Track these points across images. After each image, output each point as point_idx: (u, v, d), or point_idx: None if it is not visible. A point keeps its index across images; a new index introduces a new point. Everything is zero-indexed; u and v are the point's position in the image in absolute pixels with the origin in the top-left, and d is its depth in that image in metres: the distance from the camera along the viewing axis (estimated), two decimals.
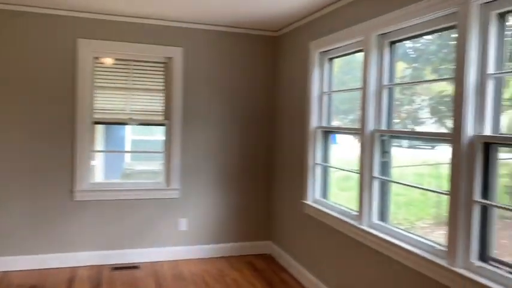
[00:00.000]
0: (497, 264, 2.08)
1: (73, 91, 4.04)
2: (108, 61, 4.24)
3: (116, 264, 4.20)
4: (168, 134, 4.38)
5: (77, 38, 4.03)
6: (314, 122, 3.77)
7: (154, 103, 4.42)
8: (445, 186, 2.40)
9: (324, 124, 3.75)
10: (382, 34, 2.90)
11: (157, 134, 9.52)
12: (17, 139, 3.92)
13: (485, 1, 2.07)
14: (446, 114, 3.01)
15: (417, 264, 2.43)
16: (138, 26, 4.19)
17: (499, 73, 2.09)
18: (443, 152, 2.92)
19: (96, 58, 4.16)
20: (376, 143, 2.95)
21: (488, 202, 2.12)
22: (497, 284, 1.97)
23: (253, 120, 4.61)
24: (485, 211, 2.15)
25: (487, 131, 2.12)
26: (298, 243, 4.05)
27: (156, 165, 9.03)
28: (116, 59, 4.24)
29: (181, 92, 4.35)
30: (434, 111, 3.18)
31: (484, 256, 2.14)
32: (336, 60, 3.72)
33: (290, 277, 4.05)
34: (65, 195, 4.07)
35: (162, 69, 4.38)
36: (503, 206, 2.11)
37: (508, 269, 2.03)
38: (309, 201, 3.80)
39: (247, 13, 3.85)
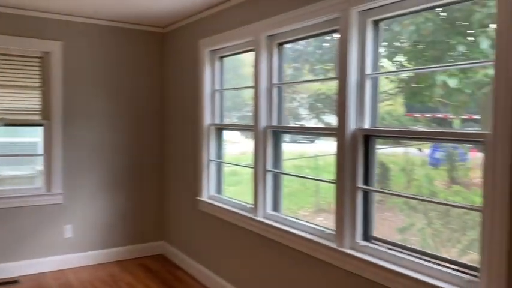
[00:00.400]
0: (378, 243, 2.36)
1: None
2: None
3: None
4: (48, 134, 4.05)
5: None
6: (207, 119, 3.82)
7: (30, 101, 4.04)
8: (326, 175, 2.65)
9: (217, 121, 3.83)
10: (270, 35, 3.06)
11: (28, 135, 8.66)
12: None
13: (363, 9, 2.33)
14: (323, 110, 3.32)
15: (310, 248, 2.64)
16: (10, 17, 3.78)
17: (375, 73, 2.38)
18: (322, 145, 3.23)
19: None
20: (269, 138, 3.11)
21: (369, 188, 2.40)
22: (380, 259, 2.24)
23: (142, 119, 4.48)
24: (366, 196, 2.42)
25: (367, 124, 2.39)
26: (193, 240, 4.06)
27: (28, 169, 8.23)
28: None
29: (62, 89, 4.04)
30: (312, 108, 3.47)
31: (367, 236, 2.42)
32: (226, 58, 3.81)
33: (186, 274, 4.05)
34: None
35: (38, 64, 4.02)
36: (381, 190, 2.41)
37: (386, 245, 2.32)
38: (204, 198, 3.84)
39: (130, 7, 3.73)
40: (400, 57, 2.57)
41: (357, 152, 2.40)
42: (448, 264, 2.02)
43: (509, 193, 1.69)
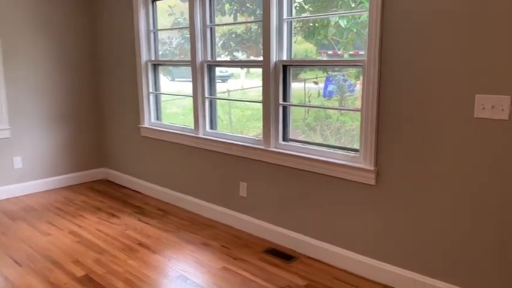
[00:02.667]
0: (292, 142, 3.33)
1: None
2: None
3: None
4: None
5: None
6: (144, 56, 4.39)
7: None
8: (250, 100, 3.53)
9: (153, 58, 4.42)
10: None
11: None
12: None
13: None
14: (236, 48, 4.11)
15: (243, 152, 3.54)
16: None
17: (289, 18, 3.22)
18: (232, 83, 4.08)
19: None
20: (205, 71, 3.85)
21: (287, 103, 3.32)
22: (294, 152, 3.21)
23: (77, 60, 4.86)
24: (285, 110, 3.35)
25: (285, 57, 3.26)
26: (135, 162, 4.75)
27: None
28: None
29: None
30: (225, 46, 4.23)
31: (286, 138, 3.37)
32: (159, 2, 4.35)
33: (131, 191, 4.77)
34: None
35: None
36: (296, 104, 3.35)
37: (298, 143, 3.30)
38: (145, 125, 4.51)
39: None
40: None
41: (278, 77, 3.27)
42: (339, 150, 3.06)
43: (377, 97, 2.70)
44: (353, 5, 3.01)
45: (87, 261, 3.11)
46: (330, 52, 3.26)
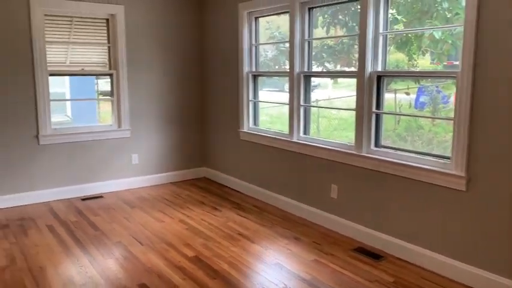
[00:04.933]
0: (384, 148, 3.53)
1: (30, 46, 4.43)
2: (58, 18, 4.65)
3: (83, 196, 4.89)
4: (116, 82, 5.04)
5: None
6: (246, 68, 4.86)
7: (101, 55, 5.00)
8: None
9: (253, 69, 4.87)
10: (302, 2, 4.07)
11: (59, 86, 9.55)
12: None
13: None
14: (327, 59, 4.36)
15: (336, 156, 3.81)
16: None
17: (386, 32, 3.44)
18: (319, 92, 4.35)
19: (46, 15, 4.55)
20: (301, 81, 4.19)
21: (380, 111, 3.53)
22: (385, 157, 3.41)
23: (187, 68, 5.49)
24: (377, 118, 3.56)
25: (380, 68, 3.49)
26: (233, 163, 5.22)
27: (62, 117, 9.20)
28: (64, 16, 4.67)
29: (125, 45, 4.99)
30: (316, 57, 4.49)
31: (377, 144, 3.58)
32: (261, 19, 4.79)
33: (228, 188, 5.25)
34: (31, 140, 4.55)
35: (105, 25, 4.94)
36: (389, 112, 3.55)
37: (389, 149, 3.49)
38: (244, 129, 4.96)
39: None
40: (392, 10, 3.57)
41: (372, 87, 3.50)
42: (429, 157, 3.20)
43: (470, 106, 2.83)
44: (449, 16, 3.14)
45: (196, 245, 3.58)
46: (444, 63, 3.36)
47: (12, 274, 3.05)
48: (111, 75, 5.04)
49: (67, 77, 7.68)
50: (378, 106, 3.54)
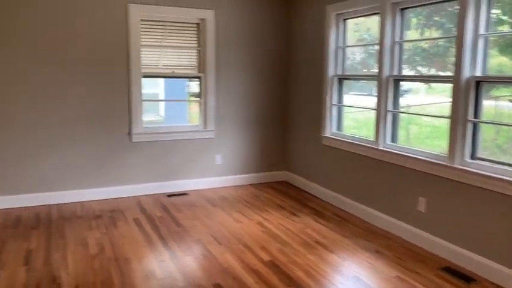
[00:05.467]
0: (480, 161, 3.21)
1: (127, 49, 4.73)
2: (152, 23, 4.92)
3: (168, 192, 5.11)
4: (204, 84, 5.20)
5: (128, 3, 4.67)
6: (331, 71, 4.74)
7: (190, 59, 5.19)
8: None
9: (339, 72, 4.73)
10: (394, 3, 3.86)
11: (154, 87, 10.13)
12: (85, 91, 4.62)
13: None
14: (421, 63, 4.07)
15: (425, 167, 3.54)
16: None
17: (487, 34, 3.13)
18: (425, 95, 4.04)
19: (143, 20, 4.84)
20: (390, 86, 3.98)
21: (478, 120, 3.22)
22: (482, 170, 3.10)
23: (272, 71, 5.51)
24: (475, 127, 3.25)
25: (479, 73, 3.18)
26: (314, 169, 5.11)
27: (155, 116, 9.75)
28: (158, 21, 4.93)
29: (214, 48, 5.13)
30: (408, 61, 4.21)
31: (473, 156, 3.27)
32: (349, 20, 4.64)
33: (307, 194, 5.15)
34: (124, 137, 4.86)
35: (195, 29, 5.13)
36: (488, 121, 3.23)
37: (486, 162, 3.16)
38: (327, 134, 4.83)
39: None
40: (497, 11, 3.23)
41: (469, 94, 3.21)
42: None
43: None
44: None
45: (272, 249, 3.54)
46: None
47: (101, 262, 3.26)
48: (199, 77, 5.21)
49: (161, 79, 8.13)
50: (476, 114, 3.23)
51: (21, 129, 4.43)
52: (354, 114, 4.99)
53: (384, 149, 4.02)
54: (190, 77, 5.30)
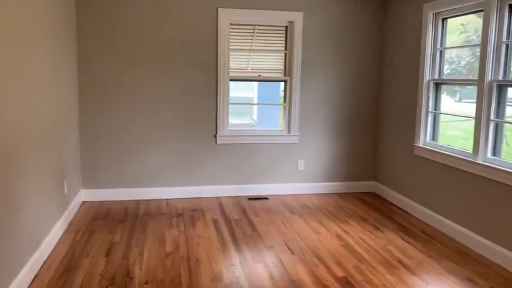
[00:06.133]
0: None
1: (215, 53, 4.83)
2: (242, 27, 4.96)
3: (249, 195, 5.11)
4: (289, 88, 5.11)
5: (218, 7, 4.76)
6: (427, 75, 4.33)
7: (277, 62, 5.14)
8: None
9: (436, 77, 4.31)
10: None
11: (248, 91, 10.31)
12: (173, 95, 4.81)
13: None
14: None
15: None
16: None
17: None
18: None
19: (231, 24, 4.90)
20: (493, 92, 3.50)
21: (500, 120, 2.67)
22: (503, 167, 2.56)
23: (361, 74, 5.22)
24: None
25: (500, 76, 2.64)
26: (406, 181, 4.72)
27: (247, 119, 9.91)
28: (247, 25, 4.95)
29: (301, 51, 5.02)
30: None
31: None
32: (449, 20, 4.21)
33: (396, 208, 4.77)
34: (210, 139, 4.96)
35: (283, 32, 5.06)
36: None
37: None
38: (420, 144, 4.43)
39: None
40: None
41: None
42: None
43: None
44: None
45: (348, 265, 3.31)
46: None
47: (173, 261, 3.32)
48: (285, 81, 5.13)
49: (255, 83, 8.22)
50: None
51: (116, 128, 4.75)
52: (453, 123, 4.51)
53: (484, 163, 3.55)
54: (276, 81, 5.24)
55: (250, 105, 7.60)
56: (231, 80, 5.01)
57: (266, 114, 8.56)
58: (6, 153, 2.52)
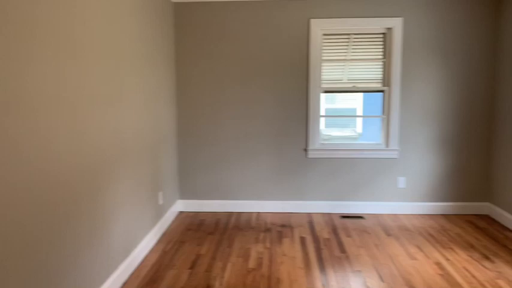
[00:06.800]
0: None
1: (306, 65, 4.72)
2: (335, 36, 4.78)
3: (342, 213, 4.85)
4: (387, 99, 4.76)
5: (310, 18, 4.65)
6: None
7: (374, 72, 4.83)
8: None
9: None
10: None
11: (348, 102, 10.00)
12: (263, 108, 4.80)
13: None
14: None
15: None
16: (360, 2, 4.61)
17: None
18: None
19: (324, 35, 4.74)
20: None
21: None
22: None
23: (470, 82, 4.66)
24: None
25: None
26: None
27: (349, 131, 9.58)
28: (340, 34, 4.75)
29: (400, 59, 4.65)
30: None
31: None
32: None
33: None
34: (300, 153, 4.83)
35: (381, 39, 4.75)
36: None
37: None
38: None
39: None
40: None
41: None
42: None
43: None
44: None
45: None
46: None
47: (254, 278, 3.25)
48: (382, 91, 4.80)
49: (360, 94, 7.96)
50: None
51: (210, 141, 4.88)
52: None
53: None
54: (373, 91, 4.92)
55: (347, 117, 7.31)
56: (325, 91, 4.83)
57: (370, 127, 8.17)
58: (101, 166, 2.70)
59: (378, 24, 4.64)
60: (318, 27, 4.66)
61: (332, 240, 4.04)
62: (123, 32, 3.17)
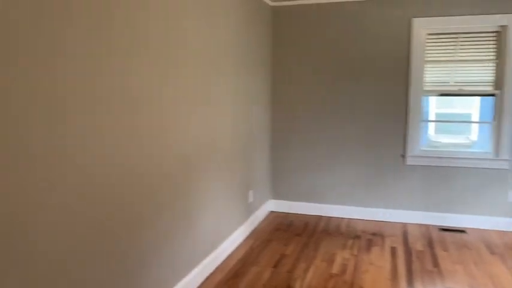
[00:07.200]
0: None
1: (407, 66, 4.49)
2: (441, 36, 4.48)
3: (442, 225, 4.52)
4: (499, 103, 4.33)
5: (412, 17, 4.42)
6: None
7: (483, 74, 4.42)
8: None
9: None
10: None
11: (458, 107, 9.23)
12: (358, 111, 4.68)
13: None
14: None
15: None
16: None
17: None
18: None
19: (428, 34, 4.47)
20: None
21: None
22: None
23: None
24: None
25: None
26: None
27: (462, 138, 8.84)
28: (448, 33, 4.43)
29: None
30: None
31: None
32: None
33: None
34: (397, 159, 4.62)
35: (493, 38, 4.33)
36: None
37: None
38: None
39: None
40: None
41: None
42: None
43: None
44: None
45: None
46: None
47: (335, 283, 3.20)
48: (493, 95, 4.37)
49: (477, 98, 7.33)
50: None
51: (304, 144, 4.91)
52: None
53: None
54: (482, 95, 4.50)
55: (453, 122, 6.79)
56: (427, 94, 4.55)
57: (486, 134, 7.47)
58: (196, 159, 2.91)
59: (489, 22, 4.24)
60: (422, 26, 4.41)
61: (426, 253, 3.80)
62: (222, 38, 3.36)
